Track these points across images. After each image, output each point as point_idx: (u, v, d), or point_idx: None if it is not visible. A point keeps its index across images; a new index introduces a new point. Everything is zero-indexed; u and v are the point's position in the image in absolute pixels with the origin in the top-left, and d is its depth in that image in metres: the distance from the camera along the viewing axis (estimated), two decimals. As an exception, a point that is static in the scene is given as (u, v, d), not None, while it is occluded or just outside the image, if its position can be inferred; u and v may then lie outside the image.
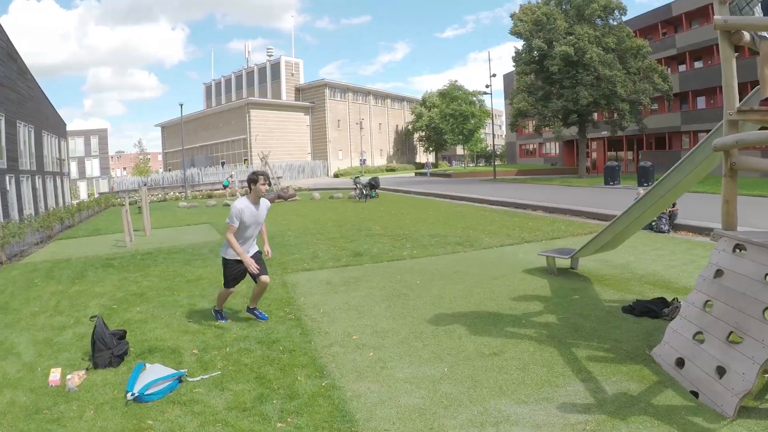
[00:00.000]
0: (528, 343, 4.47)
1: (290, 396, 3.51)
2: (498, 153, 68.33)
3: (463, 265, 7.75)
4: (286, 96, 64.98)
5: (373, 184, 22.48)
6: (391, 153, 72.84)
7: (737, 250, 3.88)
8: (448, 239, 10.12)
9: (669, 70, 33.44)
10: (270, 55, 70.02)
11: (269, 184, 24.96)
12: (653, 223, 10.43)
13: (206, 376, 3.89)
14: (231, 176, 38.86)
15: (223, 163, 55.69)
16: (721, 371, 3.37)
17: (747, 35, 4.25)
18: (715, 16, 4.13)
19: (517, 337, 4.63)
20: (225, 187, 34.03)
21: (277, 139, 58.79)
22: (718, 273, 3.89)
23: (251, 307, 5.52)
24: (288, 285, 6.83)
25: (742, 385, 3.15)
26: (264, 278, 5.17)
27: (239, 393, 3.59)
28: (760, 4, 4.16)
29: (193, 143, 65.49)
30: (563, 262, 7.19)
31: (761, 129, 4.60)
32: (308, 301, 6.00)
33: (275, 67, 66.47)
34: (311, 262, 8.28)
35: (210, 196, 30.24)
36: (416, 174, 53.08)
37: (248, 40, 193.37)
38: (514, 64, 35.46)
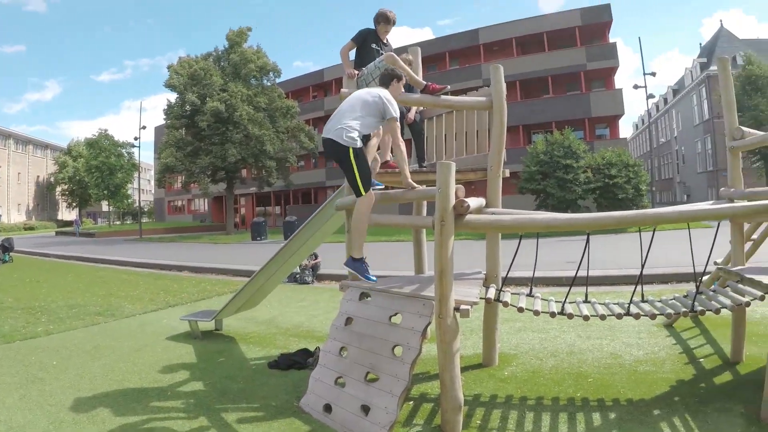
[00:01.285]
0: (176, 415, 4.10)
1: None
2: (145, 210, 63.74)
3: (103, 337, 6.90)
4: None
5: (6, 246, 19.08)
6: (31, 208, 59.66)
7: (363, 298, 4.41)
8: (88, 309, 8.89)
9: (317, 130, 37.90)
10: None
11: None
12: (297, 276, 11.26)
13: None
14: None
15: None
16: (365, 409, 3.66)
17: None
18: (342, 89, 4.79)
19: (164, 410, 4.21)
20: None
21: None
22: (348, 320, 4.31)
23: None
24: None
25: (386, 417, 3.50)
26: None
27: None
28: None
29: None
30: (207, 324, 6.98)
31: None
32: (-65, 403, 4.39)
33: None
34: (-67, 352, 6.13)
35: None
36: (57, 233, 46.00)
37: None
38: (165, 117, 34.15)
